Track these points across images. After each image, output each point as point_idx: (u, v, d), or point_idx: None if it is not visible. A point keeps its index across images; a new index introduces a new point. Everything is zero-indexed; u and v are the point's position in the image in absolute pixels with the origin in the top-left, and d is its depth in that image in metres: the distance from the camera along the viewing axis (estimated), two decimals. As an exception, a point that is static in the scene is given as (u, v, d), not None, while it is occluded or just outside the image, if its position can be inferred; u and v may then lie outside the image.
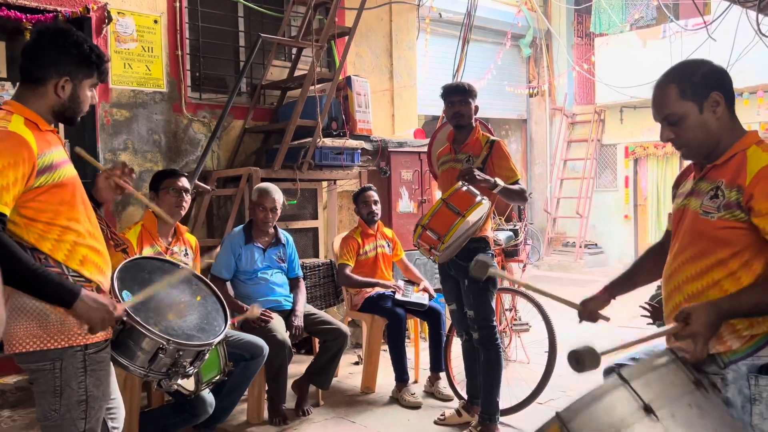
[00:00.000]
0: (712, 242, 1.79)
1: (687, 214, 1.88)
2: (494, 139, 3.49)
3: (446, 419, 3.75)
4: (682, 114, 1.82)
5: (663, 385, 1.60)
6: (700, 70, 1.84)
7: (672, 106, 1.83)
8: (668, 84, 1.85)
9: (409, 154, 5.81)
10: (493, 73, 10.05)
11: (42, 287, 1.82)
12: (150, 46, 4.85)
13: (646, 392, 1.56)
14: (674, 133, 1.85)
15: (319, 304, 4.63)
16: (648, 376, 1.60)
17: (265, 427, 3.71)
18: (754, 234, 1.74)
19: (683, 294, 1.85)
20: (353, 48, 5.75)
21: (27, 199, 1.84)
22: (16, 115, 1.88)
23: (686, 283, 1.85)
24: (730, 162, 1.80)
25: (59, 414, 1.90)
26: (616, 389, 1.58)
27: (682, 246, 1.87)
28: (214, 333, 2.42)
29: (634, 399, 1.55)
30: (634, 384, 1.57)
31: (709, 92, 1.80)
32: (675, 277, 1.88)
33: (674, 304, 1.88)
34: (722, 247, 1.77)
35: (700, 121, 1.81)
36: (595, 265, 11.18)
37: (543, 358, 3.84)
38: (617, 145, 11.43)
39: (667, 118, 1.85)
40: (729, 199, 1.75)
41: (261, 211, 3.93)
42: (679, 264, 1.87)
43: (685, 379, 1.63)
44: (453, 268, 3.48)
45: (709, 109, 1.81)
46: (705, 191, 1.83)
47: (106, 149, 4.65)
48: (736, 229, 1.75)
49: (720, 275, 1.78)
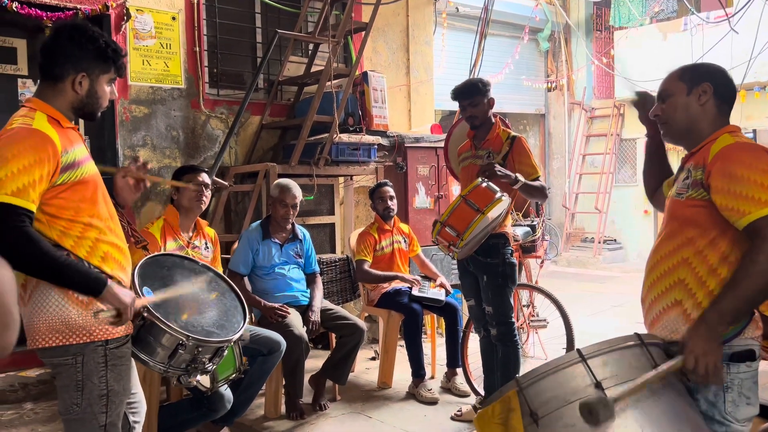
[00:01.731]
0: (681, 221, 1.87)
1: (669, 200, 1.99)
2: (515, 135, 3.45)
3: (463, 415, 3.74)
4: (672, 91, 1.93)
5: (620, 366, 1.67)
6: (705, 66, 1.97)
7: (667, 83, 1.96)
8: (677, 69, 1.97)
9: (425, 149, 5.79)
10: (511, 68, 9.99)
11: (72, 277, 1.85)
12: (168, 42, 4.88)
13: (601, 371, 1.64)
14: (661, 109, 1.96)
15: (336, 300, 4.64)
16: (606, 356, 1.68)
17: (282, 421, 3.73)
18: (718, 213, 1.78)
19: (657, 272, 1.91)
20: (370, 43, 5.74)
21: (50, 196, 1.87)
22: (39, 112, 1.90)
23: (660, 262, 1.91)
24: (702, 148, 1.88)
25: (81, 408, 1.93)
26: (573, 364, 1.67)
27: (661, 229, 1.96)
28: (233, 330, 2.44)
29: (588, 376, 1.63)
30: (591, 362, 1.65)
31: (701, 81, 1.89)
32: (652, 257, 1.96)
33: (650, 282, 1.94)
34: (690, 226, 1.84)
35: (684, 102, 1.91)
36: (613, 261, 11.08)
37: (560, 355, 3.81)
38: (637, 139, 11.29)
39: (660, 95, 1.97)
40: (695, 178, 1.83)
41: (282, 207, 3.94)
42: (657, 244, 1.95)
43: (645, 363, 1.68)
44: (472, 263, 3.47)
45: (696, 95, 1.89)
46: (681, 178, 1.93)
47: (125, 145, 4.70)
48: (701, 207, 1.81)
49: (688, 253, 1.84)
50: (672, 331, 1.84)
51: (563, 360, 1.70)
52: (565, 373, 1.66)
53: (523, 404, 1.66)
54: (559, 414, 1.61)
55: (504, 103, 10.52)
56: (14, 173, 1.77)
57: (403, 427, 3.64)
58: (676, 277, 1.85)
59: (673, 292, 1.85)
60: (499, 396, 1.73)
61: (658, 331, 1.89)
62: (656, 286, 1.91)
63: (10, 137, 1.82)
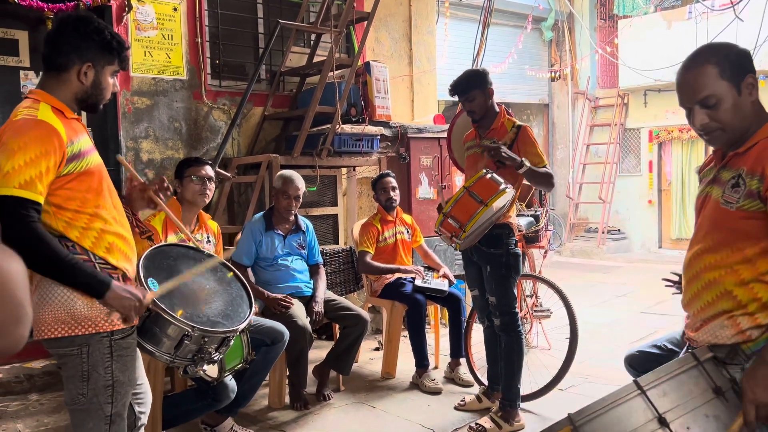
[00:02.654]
0: (731, 232, 1.75)
1: (709, 202, 1.84)
2: (520, 124, 3.42)
3: (466, 405, 3.76)
4: (721, 95, 1.71)
5: (680, 393, 1.57)
6: (734, 50, 1.75)
7: (711, 86, 1.72)
8: (704, 64, 1.73)
9: (428, 140, 5.77)
10: (514, 57, 9.94)
11: (76, 277, 1.86)
12: (170, 33, 4.87)
13: (662, 402, 1.54)
14: (709, 116, 1.74)
15: (339, 291, 4.65)
16: (666, 385, 1.57)
17: (286, 411, 3.75)
18: None
19: (701, 282, 1.82)
20: (372, 33, 5.72)
21: (56, 187, 1.87)
22: (43, 103, 1.89)
23: (704, 272, 1.81)
24: (752, 149, 1.73)
25: (87, 398, 1.94)
26: (631, 397, 1.55)
27: (702, 234, 1.84)
28: (239, 320, 2.44)
29: (649, 409, 1.53)
30: (651, 393, 1.55)
31: (746, 74, 1.72)
32: (694, 265, 1.85)
33: (692, 293, 1.85)
34: (741, 238, 1.73)
35: (737, 103, 1.72)
36: (618, 251, 11.07)
37: (564, 345, 3.81)
38: (641, 129, 11.26)
39: (702, 101, 1.74)
40: (750, 188, 1.70)
41: (285, 198, 3.94)
42: (698, 252, 1.84)
43: (705, 386, 1.60)
44: (476, 254, 3.46)
45: (746, 92, 1.73)
46: (726, 180, 1.78)
47: (127, 137, 4.70)
48: (756, 219, 1.70)
49: (736, 262, 1.74)
50: (714, 337, 1.77)
51: (621, 393, 1.58)
52: (624, 408, 1.55)
53: None
54: None
55: (507, 93, 10.48)
56: (21, 166, 1.77)
57: (407, 417, 3.65)
58: (723, 288, 1.76)
59: (721, 303, 1.77)
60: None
61: (700, 336, 1.81)
62: (702, 296, 1.81)
63: (16, 129, 1.82)
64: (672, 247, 10.99)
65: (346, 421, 3.62)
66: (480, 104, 3.41)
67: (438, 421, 3.58)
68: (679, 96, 1.82)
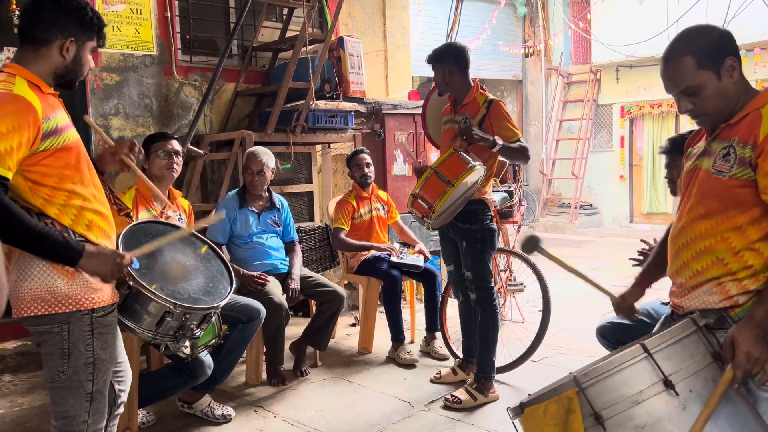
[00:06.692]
0: (722, 201, 1.78)
1: (699, 174, 1.87)
2: (492, 99, 3.40)
3: (442, 378, 3.81)
4: (701, 84, 1.77)
5: (683, 357, 1.60)
6: (711, 36, 1.79)
7: (690, 78, 1.78)
8: (683, 56, 1.78)
9: (403, 116, 5.76)
10: (488, 33, 9.91)
11: (47, 247, 1.82)
12: (138, 8, 4.75)
13: (667, 365, 1.57)
14: (693, 103, 1.80)
15: (316, 268, 4.65)
16: (670, 349, 1.60)
17: (263, 387, 3.77)
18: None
19: (691, 251, 1.85)
20: (345, 8, 5.65)
21: (32, 163, 1.83)
22: (18, 77, 1.85)
23: (695, 241, 1.84)
24: (744, 120, 1.78)
25: (67, 375, 1.93)
26: (638, 360, 1.58)
27: (692, 204, 1.86)
28: (220, 296, 2.45)
29: (655, 372, 1.56)
30: (657, 356, 1.57)
31: (723, 58, 1.77)
32: (683, 235, 1.88)
33: (682, 261, 1.88)
34: (732, 206, 1.76)
35: (719, 89, 1.77)
36: (590, 225, 11.25)
37: (537, 317, 3.88)
38: (613, 105, 11.37)
39: (685, 91, 1.80)
40: (742, 155, 1.74)
41: (249, 174, 3.93)
42: (688, 221, 1.87)
43: (704, 351, 1.63)
44: (451, 229, 3.49)
45: (726, 75, 1.77)
46: (717, 150, 1.82)
47: (97, 114, 4.60)
48: (747, 187, 1.74)
49: (727, 232, 1.78)
50: (702, 302, 1.81)
51: (627, 356, 1.59)
52: (630, 371, 1.57)
53: (584, 405, 1.55)
54: (629, 415, 1.53)
55: (481, 69, 10.48)
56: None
57: (384, 391, 3.70)
58: (714, 256, 1.79)
59: (711, 271, 1.80)
60: (552, 395, 1.61)
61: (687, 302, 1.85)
62: (691, 265, 1.84)
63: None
64: (643, 221, 11.19)
65: (323, 395, 3.66)
66: (439, 78, 3.41)
67: (414, 394, 3.64)
68: (664, 85, 1.87)
